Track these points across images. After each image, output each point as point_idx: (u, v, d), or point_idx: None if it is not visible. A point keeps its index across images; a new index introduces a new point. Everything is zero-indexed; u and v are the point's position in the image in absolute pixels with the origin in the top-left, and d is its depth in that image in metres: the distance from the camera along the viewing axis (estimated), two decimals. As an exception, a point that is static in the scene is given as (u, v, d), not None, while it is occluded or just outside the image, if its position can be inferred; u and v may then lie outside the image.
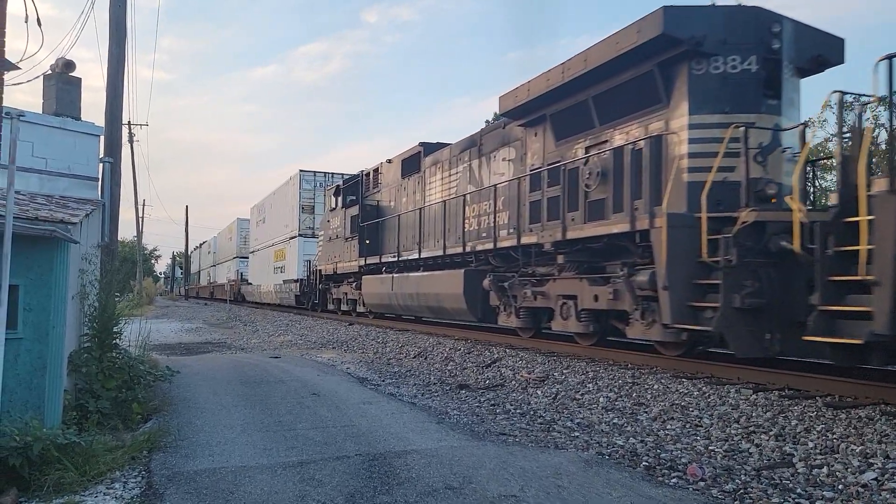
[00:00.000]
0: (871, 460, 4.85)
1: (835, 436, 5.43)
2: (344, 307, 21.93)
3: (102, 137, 9.15)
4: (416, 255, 15.63)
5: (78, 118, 8.14)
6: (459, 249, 13.57)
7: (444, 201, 14.63)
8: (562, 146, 10.82)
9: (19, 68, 5.41)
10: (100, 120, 9.78)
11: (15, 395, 4.77)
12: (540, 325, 11.69)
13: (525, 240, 11.23)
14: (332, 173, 29.58)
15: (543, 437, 5.85)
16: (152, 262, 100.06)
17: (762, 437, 5.63)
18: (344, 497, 4.06)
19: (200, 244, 70.91)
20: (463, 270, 13.14)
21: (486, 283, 12.34)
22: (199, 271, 69.37)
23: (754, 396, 6.77)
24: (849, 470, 4.72)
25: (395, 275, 16.30)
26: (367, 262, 18.49)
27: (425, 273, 14.96)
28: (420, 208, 15.89)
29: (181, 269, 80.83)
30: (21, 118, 4.80)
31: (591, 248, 9.92)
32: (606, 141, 9.86)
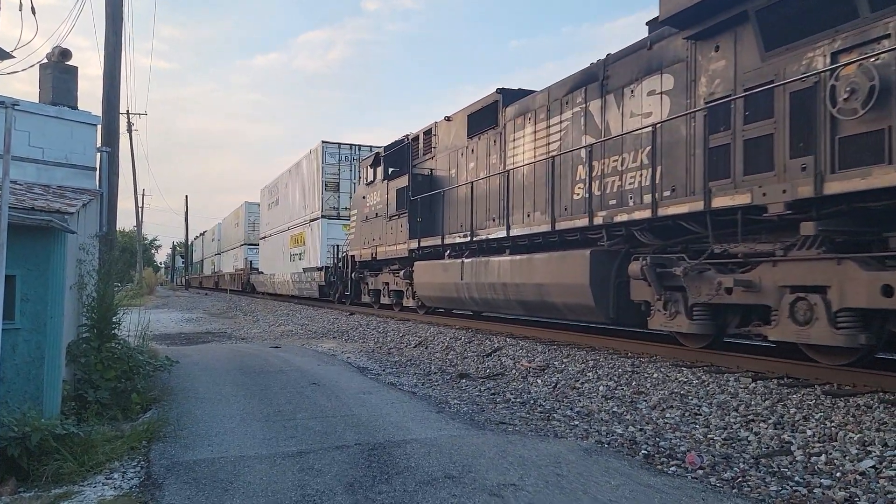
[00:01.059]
0: (868, 448, 4.85)
1: (833, 424, 5.44)
2: (385, 300, 18.48)
3: (100, 127, 9.10)
4: (501, 233, 11.95)
5: (75, 107, 8.09)
6: (582, 222, 9.85)
7: (550, 158, 10.89)
8: (777, 58, 7.27)
9: (14, 57, 5.38)
10: (97, 109, 9.75)
11: (13, 385, 4.77)
12: (724, 331, 8.28)
13: (722, 202, 7.49)
14: (359, 145, 26.09)
15: (543, 426, 5.86)
16: (152, 251, 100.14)
17: (761, 425, 5.63)
18: (343, 486, 4.06)
19: (202, 233, 70.08)
20: (588, 251, 9.54)
21: (634, 268, 8.74)
22: (203, 260, 66.96)
23: (753, 385, 6.77)
24: (847, 458, 4.72)
25: (465, 260, 12.93)
26: (422, 244, 15.03)
27: (518, 257, 11.33)
28: (505, 172, 12.33)
29: (183, 258, 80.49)
30: (16, 107, 4.77)
31: (856, 212, 6.52)
32: (881, 38, 6.26)
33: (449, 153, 14.92)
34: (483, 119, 13.41)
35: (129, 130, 45.13)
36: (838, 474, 4.47)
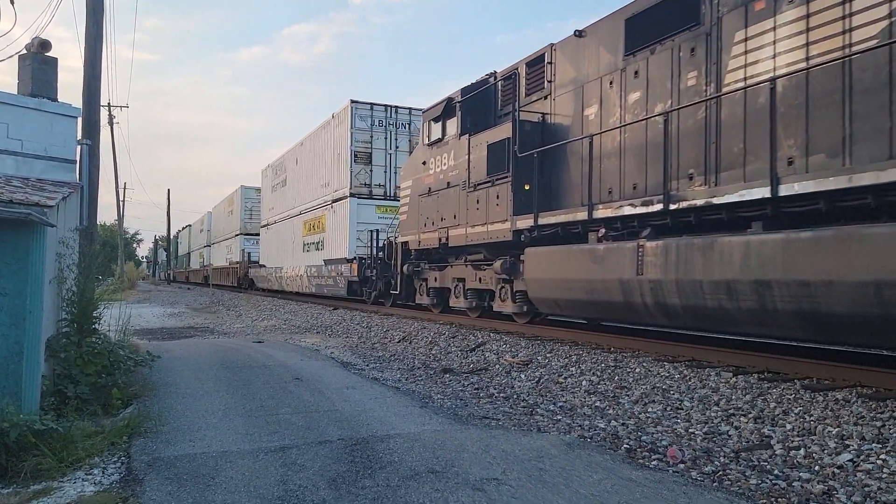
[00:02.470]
0: (846, 442, 4.92)
1: (812, 418, 5.50)
2: (458, 301, 13.51)
3: (80, 119, 8.99)
4: (759, 193, 6.91)
5: (54, 99, 7.98)
6: None
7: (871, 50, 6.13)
8: None
9: (-8, 48, 5.29)
10: (78, 101, 9.62)
11: (-9, 380, 4.70)
12: None
13: None
14: (396, 106, 21.00)
15: (526, 421, 5.88)
16: (134, 246, 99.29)
17: (741, 419, 5.69)
18: (326, 481, 4.05)
19: (186, 226, 67.87)
20: None
21: None
22: (189, 253, 61.82)
23: (734, 379, 6.84)
24: (825, 451, 4.78)
25: (649, 243, 8.19)
26: (542, 221, 10.33)
27: (812, 234, 6.30)
28: (723, 95, 7.77)
29: (166, 251, 79.08)
30: (-6, 99, 4.69)
31: None
32: None
33: (579, 87, 10.35)
34: (661, 20, 8.77)
35: (111, 123, 44.79)
36: (817, 468, 4.53)
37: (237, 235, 38.38)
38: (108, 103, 45.97)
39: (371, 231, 18.56)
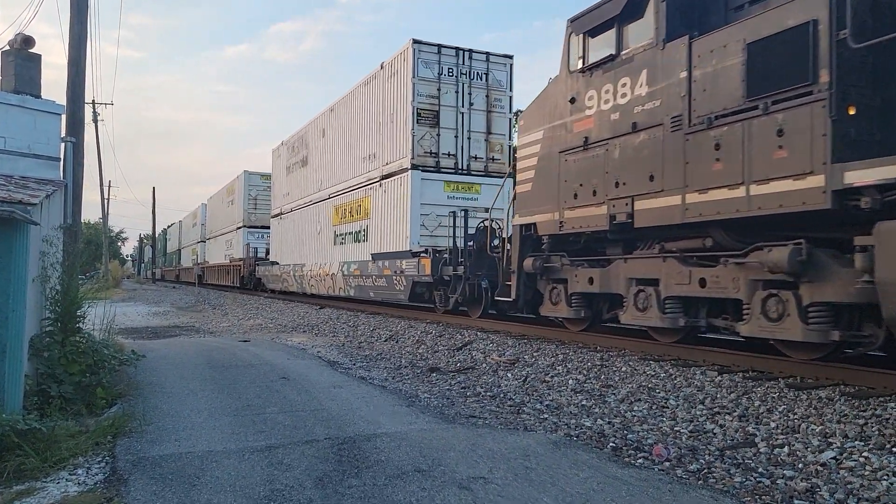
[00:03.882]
0: (830, 440, 4.97)
1: (796, 416, 5.55)
2: (646, 318, 8.55)
3: (64, 116, 8.91)
4: None
5: (38, 96, 7.90)
6: None
7: None
8: None
9: (-26, 43, 5.24)
10: (62, 98, 9.53)
11: (-27, 380, 4.65)
12: None
13: None
14: (471, 50, 16.15)
15: (513, 420, 5.89)
16: (119, 244, 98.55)
17: (726, 417, 5.73)
18: (312, 481, 4.04)
19: (171, 223, 66.63)
20: None
21: None
22: (180, 250, 57.89)
23: (719, 378, 6.89)
24: (809, 449, 4.83)
25: None
26: None
27: None
28: None
29: (153, 248, 77.97)
30: (-24, 95, 4.64)
31: None
32: None
33: None
34: None
35: (95, 120, 44.31)
36: (800, 465, 4.58)
37: (239, 228, 33.81)
38: (93, 100, 45.44)
39: (452, 213, 13.65)
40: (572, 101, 9.60)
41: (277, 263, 26.40)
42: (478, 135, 16.02)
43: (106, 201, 51.59)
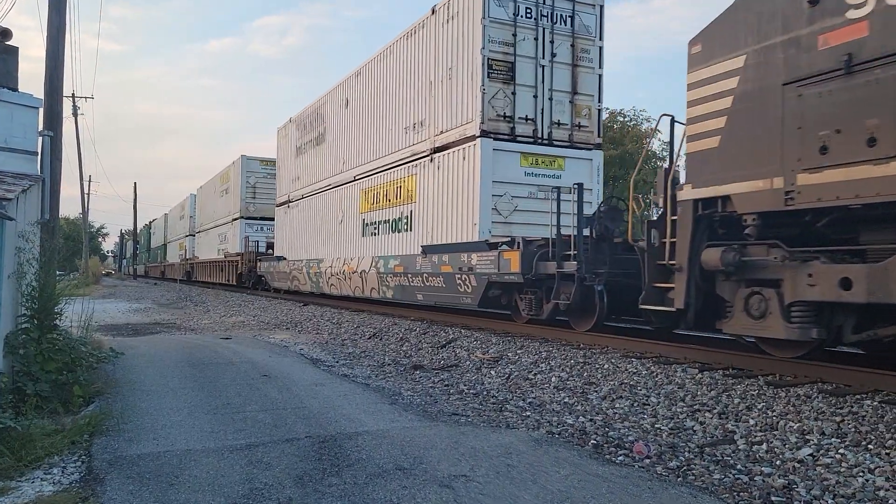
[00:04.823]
0: (807, 437, 5.02)
1: (775, 413, 5.60)
2: None
3: (42, 110, 8.78)
4: None
5: (15, 89, 7.78)
6: None
7: None
8: None
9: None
10: (41, 92, 9.39)
11: (-54, 378, 4.57)
12: None
13: None
14: None
15: (495, 417, 5.89)
16: (99, 240, 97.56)
17: (706, 414, 5.77)
18: (292, 479, 4.01)
19: (154, 218, 65.28)
20: None
21: None
22: (166, 244, 54.52)
23: (700, 375, 6.94)
24: (786, 446, 4.87)
25: None
26: None
27: None
28: None
29: (137, 244, 76.78)
30: (-51, 88, 4.56)
31: None
32: None
33: None
34: None
35: (75, 114, 43.87)
36: (778, 462, 4.62)
37: (236, 220, 30.42)
38: (73, 94, 44.98)
39: (556, 188, 10.38)
40: (811, 2, 6.38)
41: (285, 259, 23.00)
42: (561, 95, 12.55)
43: (86, 196, 51.04)
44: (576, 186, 9.80)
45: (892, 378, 6.02)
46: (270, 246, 27.31)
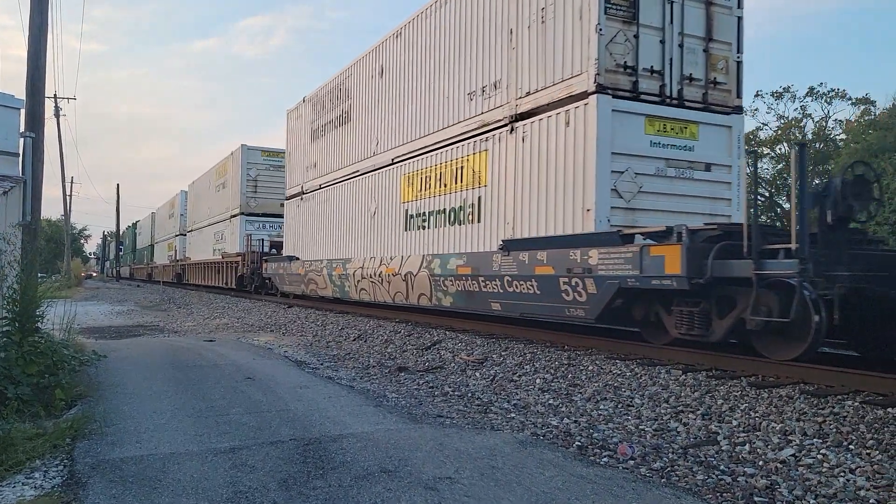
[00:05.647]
0: (789, 437, 5.07)
1: (757, 414, 5.66)
2: None
3: (23, 111, 8.70)
4: None
5: (-4, 90, 7.71)
6: None
7: None
8: None
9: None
10: (22, 92, 9.30)
11: (-75, 381, 4.51)
12: None
13: None
14: None
15: (480, 419, 5.90)
16: (82, 241, 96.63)
17: (690, 416, 5.82)
18: (276, 482, 4.00)
19: (137, 220, 63.79)
20: None
21: None
22: (153, 245, 51.91)
23: (683, 377, 6.98)
24: (769, 447, 4.92)
25: None
26: None
27: None
28: None
29: (122, 244, 75.88)
30: (-71, 88, 4.50)
31: None
32: None
33: None
34: None
35: (57, 115, 43.45)
36: (761, 463, 4.66)
37: (235, 217, 28.13)
38: (55, 94, 44.58)
39: (753, 152, 9.45)
40: None
41: (297, 259, 20.04)
42: (693, 42, 9.79)
43: (68, 198, 50.50)
44: (796, 148, 6.93)
45: (872, 378, 6.09)
46: (274, 245, 25.40)
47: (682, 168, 9.18)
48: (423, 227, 13.03)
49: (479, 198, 11.33)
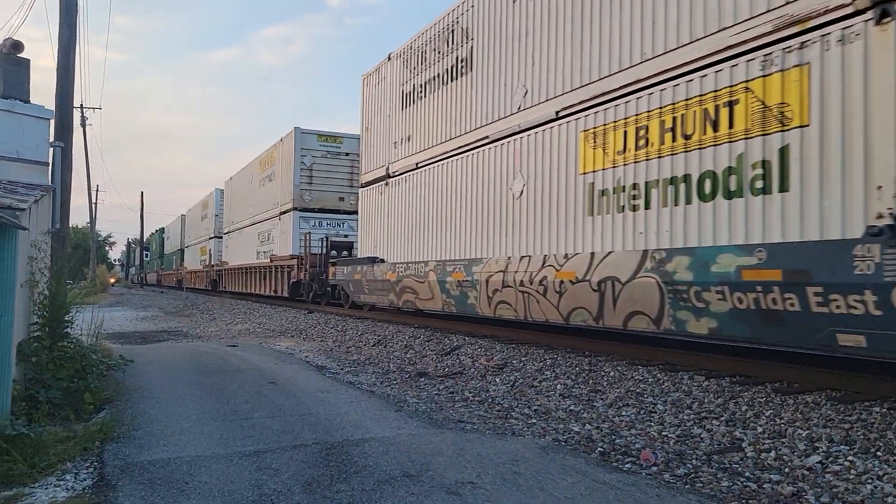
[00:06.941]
0: (816, 444, 5.02)
1: (783, 420, 5.61)
2: None
3: (53, 121, 8.88)
4: None
5: (27, 101, 7.88)
6: None
7: None
8: None
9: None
10: (50, 102, 9.50)
11: (-41, 385, 4.63)
12: None
13: None
14: None
15: (501, 425, 5.91)
16: (107, 248, 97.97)
17: (713, 422, 5.78)
18: (300, 485, 4.04)
19: (157, 226, 63.36)
20: None
21: None
22: (183, 249, 48.47)
23: (707, 383, 6.94)
24: (795, 454, 4.88)
25: None
26: None
27: None
28: None
29: (147, 250, 76.60)
30: (-36, 99, 4.63)
31: None
32: None
33: None
34: None
35: (83, 125, 44.13)
36: (787, 470, 4.62)
37: (286, 213, 23.78)
38: (81, 104, 45.29)
39: None
40: None
41: (382, 262, 15.46)
42: None
43: (94, 205, 51.28)
44: None
45: (899, 385, 6.00)
46: (335, 246, 21.34)
47: None
48: (635, 208, 8.15)
49: (785, 149, 6.37)
